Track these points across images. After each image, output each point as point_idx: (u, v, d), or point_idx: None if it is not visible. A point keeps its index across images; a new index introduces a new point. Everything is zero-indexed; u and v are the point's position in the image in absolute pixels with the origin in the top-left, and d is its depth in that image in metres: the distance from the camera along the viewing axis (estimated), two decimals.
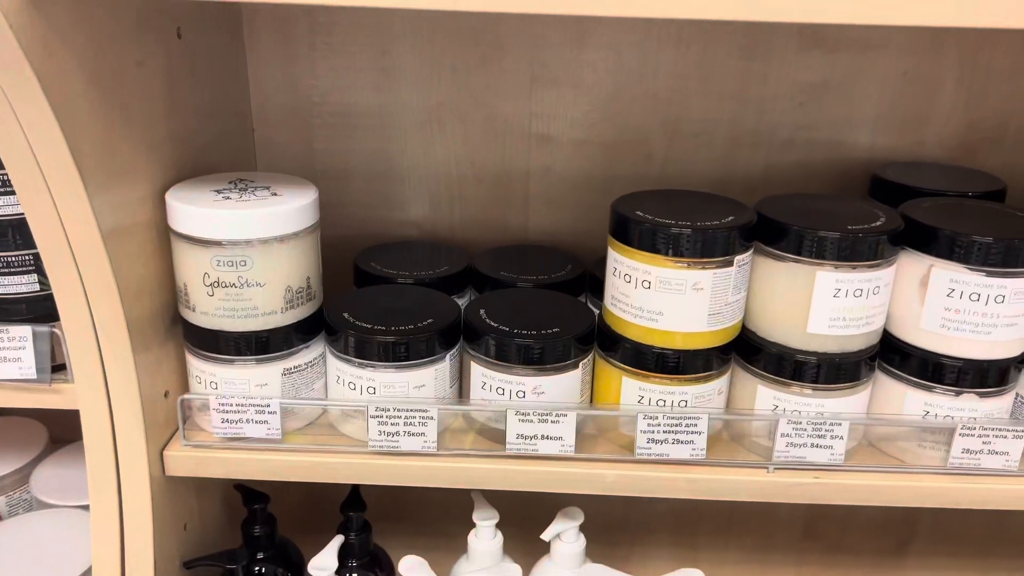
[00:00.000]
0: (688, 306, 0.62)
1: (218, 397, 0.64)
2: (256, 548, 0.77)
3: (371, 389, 0.64)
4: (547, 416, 0.63)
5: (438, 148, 0.83)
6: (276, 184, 0.66)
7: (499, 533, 0.77)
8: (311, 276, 0.66)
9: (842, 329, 0.62)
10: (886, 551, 1.01)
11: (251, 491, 0.76)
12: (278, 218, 0.62)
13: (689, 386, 0.64)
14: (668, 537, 1.01)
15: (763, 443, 0.66)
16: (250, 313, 0.63)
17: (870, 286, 0.61)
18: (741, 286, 0.63)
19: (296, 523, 0.96)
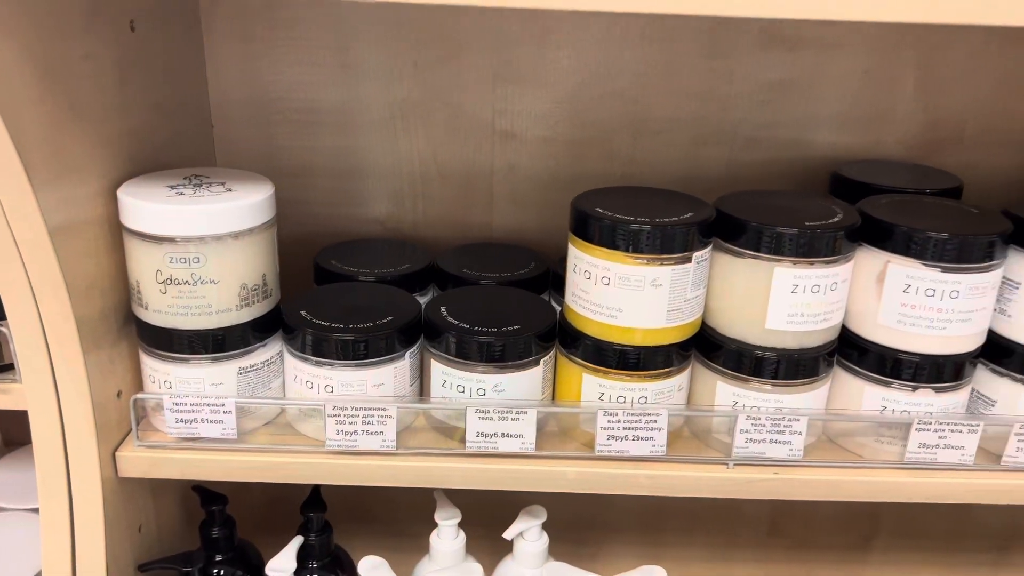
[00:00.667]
0: (647, 302, 0.62)
1: (172, 397, 0.62)
2: (215, 550, 0.76)
3: (329, 388, 0.64)
4: (507, 414, 0.63)
5: (401, 145, 0.83)
6: (231, 180, 0.65)
7: (461, 533, 0.76)
8: (267, 273, 0.65)
9: (800, 325, 0.62)
10: (850, 546, 1.02)
11: (209, 492, 0.75)
12: (232, 214, 0.61)
13: (649, 383, 0.64)
14: (634, 536, 1.01)
15: (723, 439, 0.66)
16: (204, 311, 0.62)
17: (827, 282, 0.62)
18: (700, 282, 0.63)
19: (257, 525, 0.95)
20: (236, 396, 0.64)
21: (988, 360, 0.67)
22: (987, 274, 0.62)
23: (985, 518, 1.00)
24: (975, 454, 0.64)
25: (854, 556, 1.02)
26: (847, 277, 0.63)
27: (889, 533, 1.01)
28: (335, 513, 0.79)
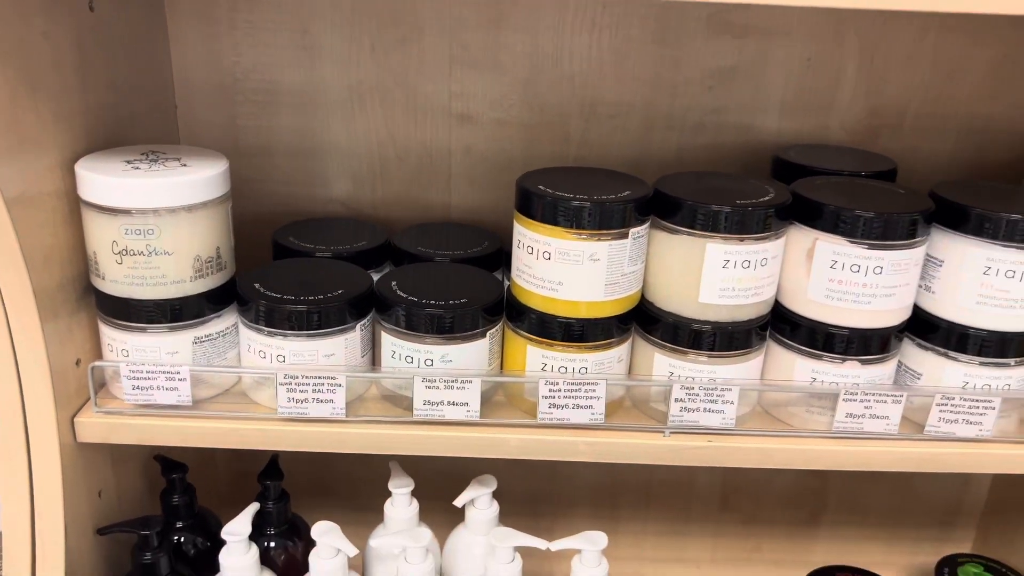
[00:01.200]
0: (585, 276, 0.64)
1: (128, 364, 0.65)
2: (175, 518, 0.78)
3: (281, 357, 0.66)
4: (452, 383, 0.66)
5: (359, 126, 0.85)
6: (187, 156, 0.67)
7: (415, 501, 0.79)
8: (221, 246, 0.67)
9: (732, 299, 0.65)
10: (799, 521, 1.05)
11: (170, 461, 0.77)
12: (185, 188, 0.63)
13: (590, 353, 0.67)
14: (589, 510, 1.04)
15: (661, 408, 0.69)
16: (159, 281, 0.64)
17: (757, 258, 0.65)
18: (637, 258, 0.66)
19: (221, 497, 0.97)
20: (190, 364, 0.67)
21: (914, 335, 0.70)
22: (910, 251, 0.65)
23: (928, 493, 1.04)
24: (899, 424, 0.67)
25: (803, 531, 1.05)
26: (777, 253, 0.66)
27: (836, 508, 1.04)
28: (297, 489, 0.81)
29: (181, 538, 0.79)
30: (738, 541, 1.06)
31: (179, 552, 0.78)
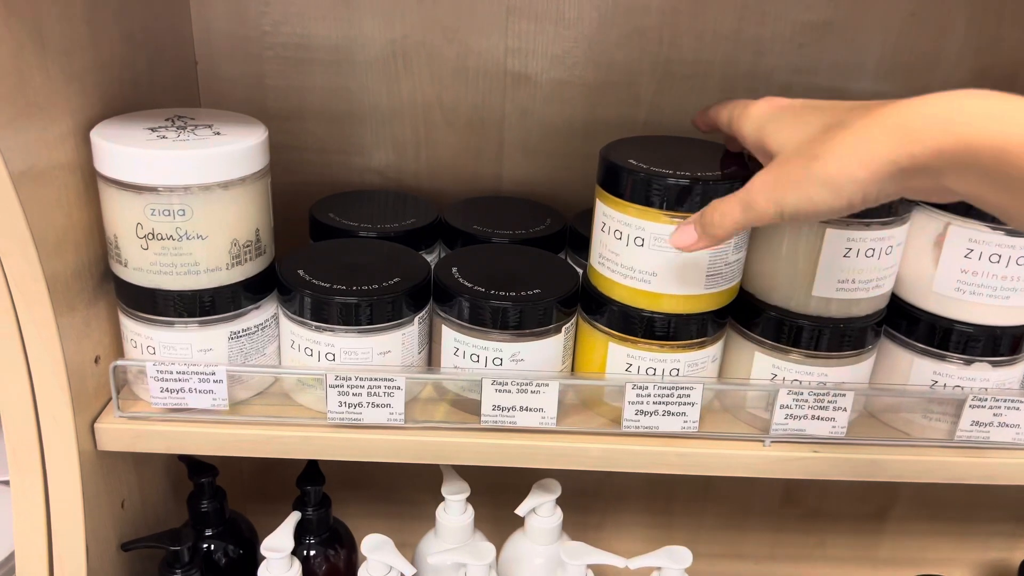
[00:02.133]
0: (684, 267, 0.56)
1: (155, 364, 0.56)
2: (204, 524, 0.71)
3: (330, 355, 0.58)
4: (527, 386, 0.57)
5: (403, 87, 0.75)
6: (219, 122, 0.58)
7: (470, 508, 0.71)
8: (260, 228, 0.58)
9: (851, 292, 0.57)
10: (866, 516, 0.98)
11: (197, 463, 0.69)
12: (221, 161, 0.54)
13: (682, 353, 0.59)
14: (642, 504, 0.97)
15: (758, 414, 0.61)
16: (191, 269, 0.55)
17: (882, 245, 0.56)
18: (742, 244, 0.58)
19: (249, 494, 0.90)
20: (227, 363, 0.58)
21: None
22: None
23: (1005, 488, 0.96)
24: None
25: (870, 526, 0.98)
26: (902, 240, 0.58)
27: (907, 503, 0.97)
28: (330, 477, 0.73)
29: (211, 546, 0.71)
30: (800, 536, 0.99)
31: (209, 562, 0.71)
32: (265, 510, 0.77)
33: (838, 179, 0.38)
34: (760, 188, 0.43)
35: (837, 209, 0.39)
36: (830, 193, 0.39)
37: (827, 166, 0.39)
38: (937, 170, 0.35)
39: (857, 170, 0.37)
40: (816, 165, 0.39)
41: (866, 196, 0.38)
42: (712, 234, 0.47)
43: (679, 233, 0.49)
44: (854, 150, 0.38)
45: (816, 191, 0.39)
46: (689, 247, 0.49)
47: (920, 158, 0.35)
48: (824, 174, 0.39)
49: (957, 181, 0.35)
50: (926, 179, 0.36)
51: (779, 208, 0.42)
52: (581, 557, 0.64)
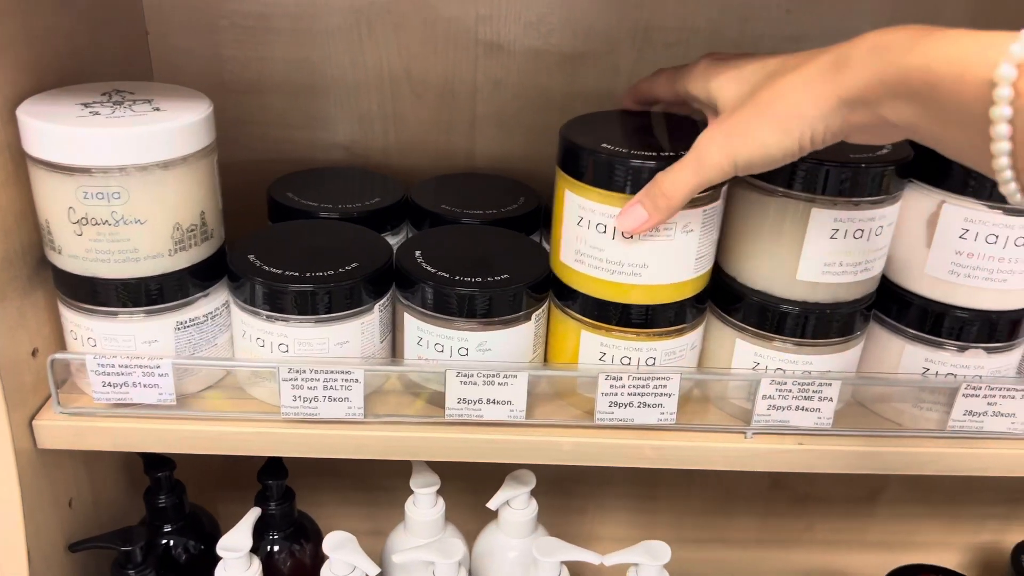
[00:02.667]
0: (676, 254, 0.52)
1: (96, 357, 0.53)
2: (162, 520, 0.67)
3: (283, 347, 0.54)
4: (494, 377, 0.54)
5: (368, 57, 0.71)
6: (160, 96, 0.54)
7: (440, 500, 0.68)
8: (206, 210, 0.54)
9: (838, 276, 0.53)
10: (856, 499, 0.95)
11: (154, 456, 0.66)
12: (160, 139, 0.50)
13: (658, 341, 0.55)
14: (626, 488, 0.94)
15: (740, 404, 0.58)
16: (129, 256, 0.51)
17: (873, 226, 0.52)
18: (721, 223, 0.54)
19: (220, 483, 0.87)
20: (173, 356, 0.55)
21: None
22: None
23: None
24: None
25: (860, 509, 0.96)
26: (894, 220, 0.54)
27: (898, 486, 0.94)
28: (300, 466, 0.70)
29: (170, 542, 0.68)
30: (788, 521, 0.96)
31: (168, 559, 0.68)
32: (236, 498, 0.74)
33: (787, 119, 0.40)
34: (709, 144, 0.44)
35: (788, 150, 0.41)
36: (781, 134, 0.40)
37: (775, 109, 0.41)
38: (876, 100, 0.37)
39: (805, 108, 0.39)
40: (765, 110, 0.41)
41: (814, 134, 0.40)
42: (664, 206, 0.47)
43: (626, 215, 0.49)
44: (800, 90, 0.40)
45: (768, 135, 0.41)
46: (641, 227, 0.48)
47: (859, 90, 0.38)
48: (773, 117, 0.41)
49: (894, 110, 0.37)
50: (866, 112, 0.38)
51: (732, 159, 0.43)
52: (555, 554, 0.61)
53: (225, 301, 0.57)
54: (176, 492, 0.67)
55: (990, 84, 0.32)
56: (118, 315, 0.54)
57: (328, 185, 0.68)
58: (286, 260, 0.55)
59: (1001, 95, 0.32)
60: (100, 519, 0.65)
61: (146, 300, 0.53)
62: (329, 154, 0.75)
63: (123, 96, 0.53)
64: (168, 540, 0.68)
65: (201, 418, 0.55)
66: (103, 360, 0.53)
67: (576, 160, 0.51)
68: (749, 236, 0.55)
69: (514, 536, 0.68)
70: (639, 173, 0.49)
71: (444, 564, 0.60)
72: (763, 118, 0.41)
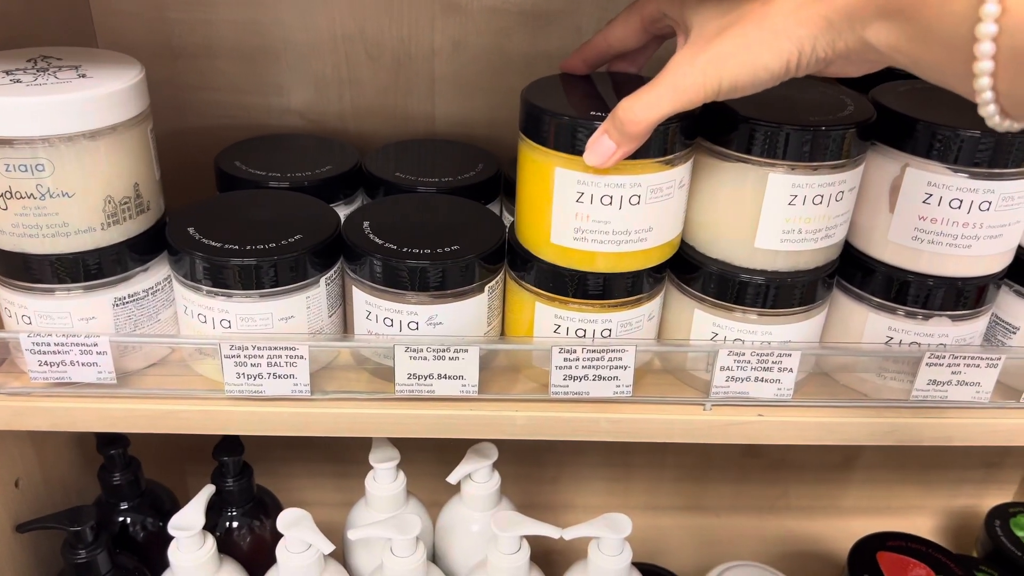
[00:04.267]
0: (674, 211, 0.51)
1: (30, 335, 0.51)
2: (117, 498, 0.66)
3: (225, 322, 0.52)
4: (444, 352, 0.52)
5: (320, 18, 0.68)
6: (88, 62, 0.51)
7: (401, 475, 0.67)
8: (140, 182, 0.52)
9: (798, 243, 0.51)
10: (831, 466, 0.95)
11: (106, 434, 0.65)
12: (85, 107, 0.47)
13: (614, 312, 0.54)
14: (599, 458, 0.93)
15: (701, 376, 0.56)
16: (59, 231, 0.49)
17: (832, 191, 0.50)
18: None
19: (180, 459, 0.86)
20: (112, 333, 0.53)
21: (1013, 281, 0.57)
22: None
23: None
24: (992, 391, 0.55)
25: (834, 475, 0.95)
26: (855, 184, 0.52)
27: (873, 451, 0.94)
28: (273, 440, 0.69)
29: (127, 520, 0.67)
30: (763, 488, 0.96)
31: (126, 537, 0.67)
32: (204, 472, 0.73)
33: (776, 39, 0.39)
34: (688, 66, 0.42)
35: (775, 71, 0.40)
36: (770, 54, 0.40)
37: (763, 28, 0.40)
38: (862, 20, 0.37)
39: (794, 28, 0.39)
40: (753, 30, 0.40)
41: (801, 55, 0.39)
42: (634, 133, 0.44)
43: (592, 148, 0.46)
44: (788, 11, 0.39)
45: (756, 54, 0.40)
46: (609, 158, 0.46)
47: (847, 9, 0.37)
48: (762, 37, 0.40)
49: (877, 33, 0.36)
50: (851, 35, 0.38)
51: (717, 81, 0.42)
52: (513, 528, 0.60)
53: (167, 276, 0.55)
54: (131, 469, 0.66)
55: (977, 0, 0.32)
56: (55, 292, 0.52)
57: (279, 153, 0.66)
58: (227, 232, 0.53)
59: (988, 11, 0.31)
60: (53, 499, 0.64)
61: (82, 276, 0.51)
62: (284, 120, 0.73)
63: (49, 62, 0.51)
64: (124, 518, 0.67)
65: (143, 396, 0.54)
66: (38, 338, 0.51)
67: (581, 133, 0.48)
68: (706, 203, 0.53)
69: (477, 509, 0.68)
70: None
71: (401, 540, 0.59)
72: (750, 38, 0.40)
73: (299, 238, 0.53)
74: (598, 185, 0.48)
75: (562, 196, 0.50)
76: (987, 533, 0.84)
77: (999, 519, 0.85)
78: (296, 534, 0.58)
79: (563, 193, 0.50)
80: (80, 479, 0.68)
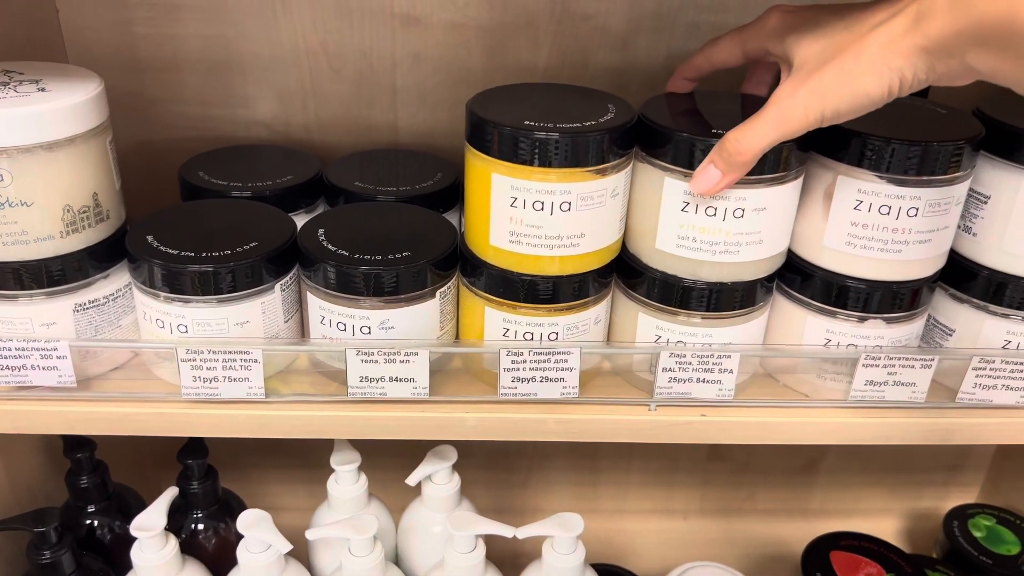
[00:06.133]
0: (607, 219, 0.53)
1: None
2: (85, 501, 0.68)
3: (182, 327, 0.54)
4: (395, 356, 0.54)
5: (283, 32, 0.70)
6: (49, 77, 0.53)
7: (363, 477, 0.69)
8: (99, 191, 0.54)
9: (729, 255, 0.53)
10: (796, 469, 0.96)
11: (73, 438, 0.66)
12: (42, 120, 0.49)
13: (560, 316, 0.55)
14: (567, 462, 0.94)
15: (647, 377, 0.58)
16: (19, 239, 0.51)
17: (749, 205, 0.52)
18: None
19: (148, 463, 0.87)
20: (71, 338, 0.54)
21: (948, 284, 0.59)
22: (953, 187, 0.53)
23: None
24: (927, 391, 0.57)
25: (799, 478, 0.97)
26: (794, 197, 0.54)
27: (837, 454, 0.95)
28: (244, 444, 0.70)
29: (95, 522, 0.68)
30: (729, 490, 0.97)
31: (93, 539, 0.68)
32: (165, 475, 0.74)
33: (877, 68, 0.42)
34: (791, 99, 0.45)
35: (877, 97, 0.43)
36: (871, 83, 0.42)
37: (863, 60, 0.42)
38: (958, 49, 0.39)
39: (892, 59, 0.41)
40: (854, 63, 0.43)
41: (903, 81, 0.42)
42: (740, 163, 0.48)
43: (700, 178, 0.49)
44: (885, 43, 0.42)
45: (858, 83, 0.43)
46: (716, 187, 0.49)
47: (942, 41, 0.40)
48: (862, 67, 0.42)
49: (977, 58, 0.39)
50: (951, 61, 0.40)
51: (820, 110, 0.45)
52: (468, 527, 0.61)
53: (128, 282, 0.57)
54: (98, 472, 0.67)
55: None
56: (18, 298, 0.53)
57: (242, 164, 0.68)
58: (185, 240, 0.55)
59: None
60: (20, 501, 0.65)
61: (43, 282, 0.53)
62: (250, 132, 0.75)
63: (11, 76, 0.53)
64: (92, 520, 0.68)
65: (103, 399, 0.55)
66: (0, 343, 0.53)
67: (514, 141, 0.50)
68: (646, 213, 0.55)
69: (437, 510, 0.69)
70: (545, 145, 0.49)
71: (358, 540, 0.60)
72: (850, 70, 0.43)
73: (254, 245, 0.55)
74: (530, 191, 0.50)
75: (499, 201, 0.52)
76: (945, 534, 0.86)
77: (957, 520, 0.87)
78: (255, 534, 0.60)
79: (499, 198, 0.52)
80: (47, 483, 0.69)
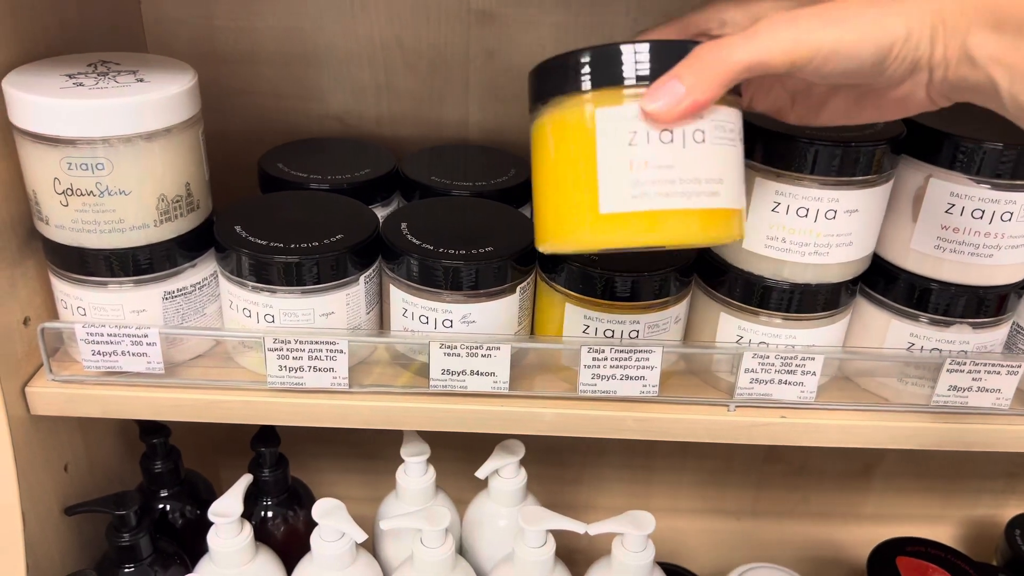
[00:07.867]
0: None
1: (85, 326, 0.53)
2: (158, 486, 0.69)
3: (269, 317, 0.55)
4: (477, 349, 0.54)
5: (360, 26, 0.71)
6: (146, 67, 0.54)
7: (431, 469, 0.69)
8: (192, 181, 0.55)
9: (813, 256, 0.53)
10: (852, 473, 0.96)
11: (148, 423, 0.67)
12: (143, 110, 0.50)
13: (641, 314, 0.56)
14: (621, 459, 0.94)
15: (725, 377, 0.58)
16: (115, 227, 0.52)
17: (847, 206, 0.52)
18: None
19: (213, 450, 0.88)
20: (162, 324, 0.55)
21: None
22: None
23: None
24: (1012, 397, 0.56)
25: (855, 482, 0.96)
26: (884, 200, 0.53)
27: (894, 459, 0.94)
28: (302, 433, 0.71)
29: (167, 507, 0.69)
30: (783, 492, 0.97)
31: (165, 523, 0.69)
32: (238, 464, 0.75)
33: (888, 15, 0.36)
34: (791, 23, 0.37)
35: (881, 45, 0.36)
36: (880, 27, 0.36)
37: (874, 4, 0.37)
38: (974, 23, 0.36)
39: (910, 4, 0.37)
40: (862, 3, 0.37)
41: (908, 39, 0.37)
42: (710, 76, 0.37)
43: (658, 92, 0.37)
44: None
45: (867, 22, 0.36)
46: (677, 107, 0.37)
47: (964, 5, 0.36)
48: (871, 10, 0.37)
49: (984, 42, 0.36)
50: (952, 40, 0.36)
51: (817, 44, 0.36)
52: (540, 522, 0.61)
53: (214, 271, 0.58)
54: (171, 458, 0.68)
55: None
56: (108, 285, 0.54)
57: (319, 156, 0.68)
58: (272, 231, 0.55)
59: None
60: (97, 484, 0.66)
61: (134, 270, 0.54)
62: (323, 125, 0.75)
63: (108, 67, 0.53)
64: (164, 505, 0.69)
65: (190, 386, 0.56)
66: (92, 329, 0.54)
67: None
68: None
69: (503, 505, 0.69)
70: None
71: (431, 531, 0.61)
72: (860, 8, 0.37)
73: (340, 238, 0.55)
74: None
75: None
76: (1007, 542, 0.85)
77: (1020, 528, 0.86)
78: (330, 523, 0.60)
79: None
80: (122, 466, 0.71)
